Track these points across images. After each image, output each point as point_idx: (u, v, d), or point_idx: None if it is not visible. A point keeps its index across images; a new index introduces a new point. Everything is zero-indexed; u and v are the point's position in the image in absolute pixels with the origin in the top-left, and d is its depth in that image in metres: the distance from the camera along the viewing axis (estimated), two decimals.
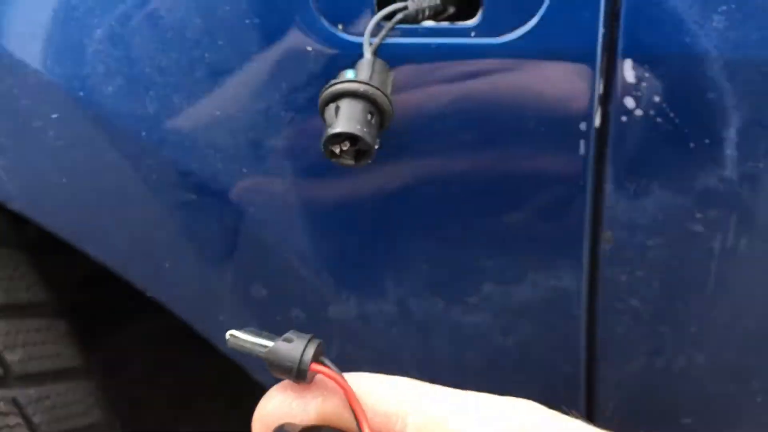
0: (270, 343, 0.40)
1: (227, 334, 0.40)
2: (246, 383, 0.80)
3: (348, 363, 0.71)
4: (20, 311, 0.77)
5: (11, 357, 0.74)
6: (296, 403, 0.39)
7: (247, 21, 0.57)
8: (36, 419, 0.74)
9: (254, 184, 0.62)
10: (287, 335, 0.40)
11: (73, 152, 0.60)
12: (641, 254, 0.66)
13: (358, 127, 0.53)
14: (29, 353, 0.76)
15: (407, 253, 0.66)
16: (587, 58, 0.58)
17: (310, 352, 0.39)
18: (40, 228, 0.66)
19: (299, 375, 0.39)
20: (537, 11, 0.57)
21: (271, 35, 0.58)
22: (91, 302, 1.26)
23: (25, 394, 0.74)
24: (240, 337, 0.41)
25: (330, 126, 0.53)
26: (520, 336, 0.70)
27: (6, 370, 0.74)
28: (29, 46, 0.58)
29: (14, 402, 0.73)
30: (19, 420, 0.72)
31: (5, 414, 0.72)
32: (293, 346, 0.40)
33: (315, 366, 0.40)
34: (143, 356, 1.66)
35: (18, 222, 0.76)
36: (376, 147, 0.54)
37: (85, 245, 0.64)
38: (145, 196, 0.62)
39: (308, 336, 0.41)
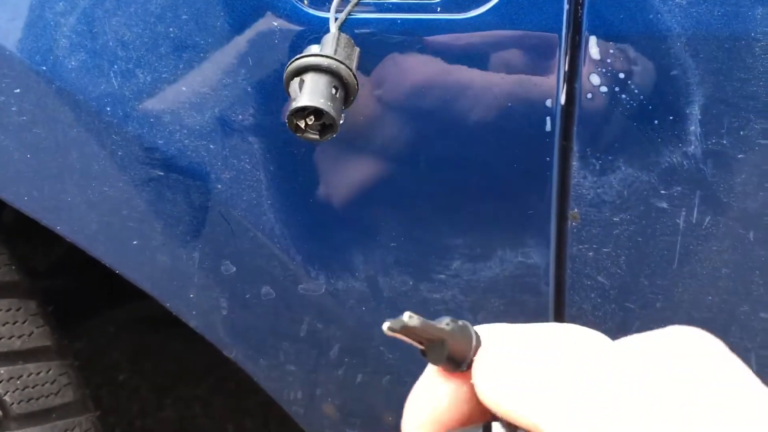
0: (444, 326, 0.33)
1: (406, 316, 0.32)
2: (229, 369, 0.80)
3: (318, 340, 0.72)
4: None
5: None
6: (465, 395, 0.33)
7: None
8: (7, 398, 0.74)
9: (222, 161, 0.62)
10: (447, 319, 0.33)
11: (36, 128, 0.60)
12: (607, 231, 0.67)
13: (322, 101, 0.53)
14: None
15: (376, 231, 0.67)
16: (552, 35, 0.58)
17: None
18: (16, 211, 0.65)
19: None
20: None
21: (237, 10, 0.57)
22: (74, 288, 1.25)
23: None
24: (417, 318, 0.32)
25: (294, 100, 0.53)
26: (488, 313, 0.70)
27: None
28: None
29: None
30: None
31: None
32: (463, 330, 0.33)
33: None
34: (126, 341, 1.66)
35: None
36: (341, 121, 0.54)
37: (52, 222, 0.64)
38: (111, 173, 0.62)
39: (464, 321, 0.34)
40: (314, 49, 0.56)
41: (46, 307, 0.85)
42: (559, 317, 0.72)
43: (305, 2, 0.58)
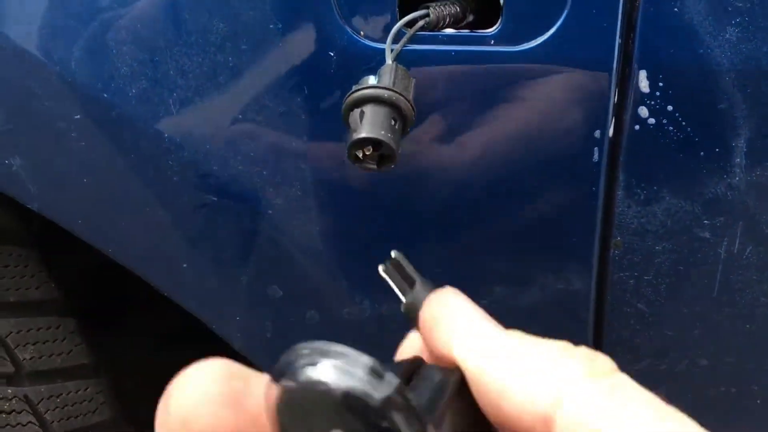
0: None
1: (392, 252, 0.37)
2: None
3: None
4: (31, 309, 0.77)
5: (23, 355, 0.75)
6: None
7: (270, 26, 0.58)
8: (48, 417, 0.74)
9: (274, 187, 0.63)
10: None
11: (95, 153, 0.61)
12: (649, 259, 0.67)
13: (383, 132, 0.54)
14: (40, 351, 0.77)
15: (421, 256, 0.67)
16: (603, 68, 0.59)
17: None
18: (43, 224, 0.66)
19: None
20: (556, 21, 0.58)
21: (294, 40, 0.58)
22: (91, 298, 1.26)
23: (37, 391, 0.74)
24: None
25: (354, 131, 0.54)
26: None
27: (18, 368, 0.74)
28: (52, 47, 0.58)
29: (26, 399, 0.73)
30: (31, 418, 0.73)
31: (18, 412, 0.72)
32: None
33: None
34: (142, 353, 1.66)
35: (23, 218, 0.77)
36: (399, 152, 0.55)
37: (105, 246, 0.65)
38: (165, 198, 0.63)
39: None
40: (371, 80, 0.56)
41: (83, 325, 0.85)
42: (599, 343, 0.73)
43: (362, 33, 0.59)
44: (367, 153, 0.55)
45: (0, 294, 0.74)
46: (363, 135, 0.53)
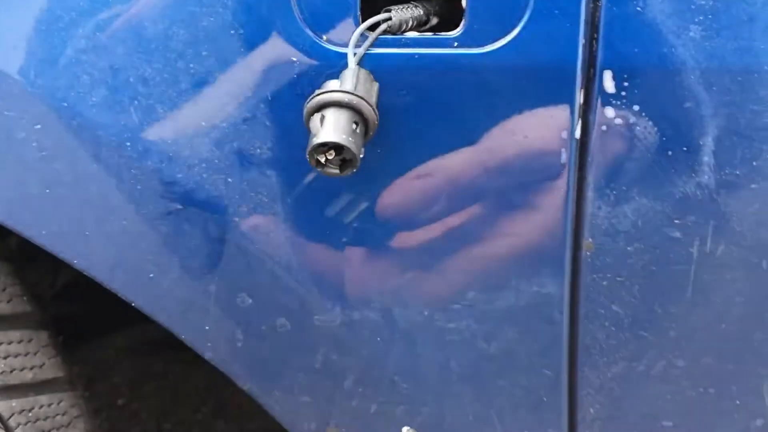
0: None
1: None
2: (231, 393, 0.80)
3: (333, 371, 0.72)
4: (2, 323, 0.76)
5: None
6: None
7: (231, 32, 0.57)
8: (19, 431, 0.73)
9: (239, 194, 0.62)
10: None
11: (56, 163, 0.60)
12: (621, 260, 0.67)
13: (344, 136, 0.53)
14: (11, 364, 0.76)
15: (391, 261, 0.67)
16: (568, 69, 0.59)
17: None
18: (20, 238, 0.65)
19: None
20: (518, 22, 0.58)
21: (255, 46, 0.58)
22: (75, 312, 1.25)
23: (8, 405, 0.73)
24: None
25: (315, 135, 0.54)
26: (503, 342, 0.71)
27: None
28: (13, 57, 0.58)
29: None
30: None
31: None
32: None
33: None
34: (127, 365, 1.65)
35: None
36: (361, 156, 0.55)
37: (69, 256, 0.64)
38: (129, 207, 0.62)
39: None
40: (334, 84, 0.56)
41: (56, 338, 0.84)
42: (573, 346, 0.72)
43: (324, 38, 0.58)
44: (330, 157, 0.54)
45: None
46: (323, 139, 0.53)
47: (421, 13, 0.60)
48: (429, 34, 0.59)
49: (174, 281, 0.65)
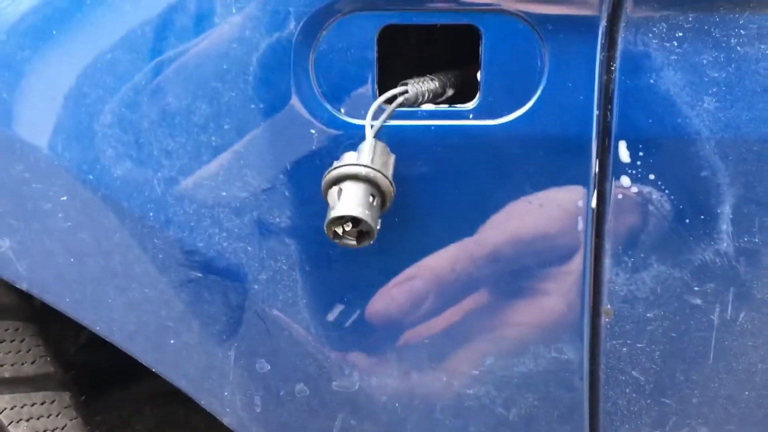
0: None
1: None
2: None
3: None
4: (26, 384, 0.77)
5: (16, 431, 0.74)
6: None
7: (252, 106, 0.59)
8: None
9: (259, 262, 0.63)
10: None
11: (81, 233, 0.62)
12: (641, 326, 0.67)
13: (360, 209, 0.54)
14: (34, 427, 0.76)
15: (409, 327, 0.67)
16: (583, 140, 0.60)
17: None
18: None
19: None
20: (533, 94, 0.59)
21: (275, 119, 0.59)
22: (97, 361, 1.26)
23: None
24: None
25: (333, 208, 0.55)
26: (522, 408, 0.70)
27: None
28: (41, 131, 0.60)
29: None
30: None
31: None
32: None
33: None
34: (149, 414, 1.65)
35: (24, 294, 0.77)
36: (378, 227, 0.55)
37: (91, 323, 0.65)
38: (151, 275, 0.63)
39: None
40: (351, 156, 0.57)
41: (78, 398, 0.85)
42: (594, 413, 0.71)
43: (342, 110, 0.60)
44: (347, 229, 0.55)
45: None
46: (340, 213, 0.54)
47: (437, 85, 0.62)
48: (445, 107, 0.61)
49: (194, 347, 0.66)
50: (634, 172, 0.61)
